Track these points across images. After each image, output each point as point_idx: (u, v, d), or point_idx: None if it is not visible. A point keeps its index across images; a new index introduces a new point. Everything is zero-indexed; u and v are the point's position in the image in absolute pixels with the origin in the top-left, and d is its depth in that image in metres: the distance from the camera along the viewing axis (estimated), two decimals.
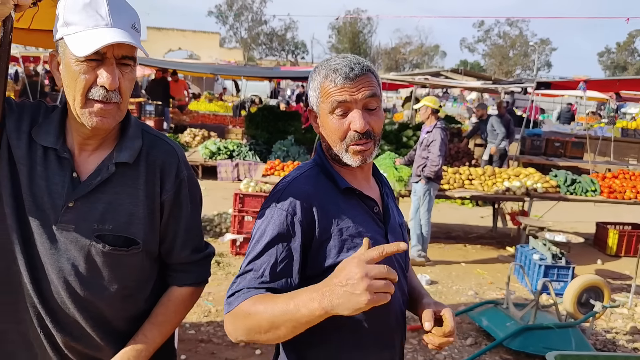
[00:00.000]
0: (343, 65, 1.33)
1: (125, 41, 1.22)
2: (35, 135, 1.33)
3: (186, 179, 1.44)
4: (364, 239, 1.16)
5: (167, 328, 1.46)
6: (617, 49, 60.14)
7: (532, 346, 3.89)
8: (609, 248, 6.87)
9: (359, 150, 1.35)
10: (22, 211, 1.32)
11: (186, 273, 1.48)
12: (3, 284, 1.36)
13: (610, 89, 10.41)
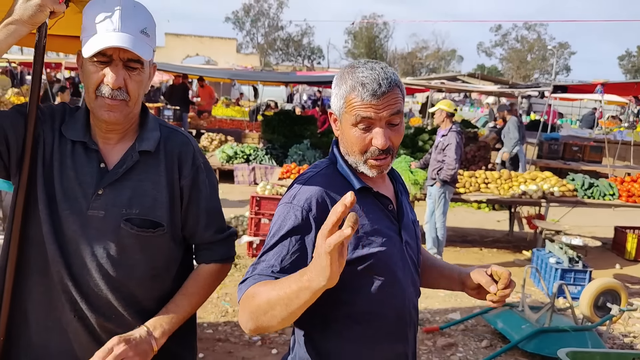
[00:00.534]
0: (371, 80, 1.34)
1: (123, 46, 1.32)
2: (64, 131, 1.44)
3: (202, 166, 1.56)
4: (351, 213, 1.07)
5: (197, 299, 1.55)
6: (638, 52, 59.25)
7: (547, 349, 3.88)
8: (628, 252, 6.79)
9: (377, 165, 1.39)
10: (53, 203, 1.41)
11: (212, 251, 1.58)
12: (37, 274, 1.45)
13: (629, 93, 10.27)
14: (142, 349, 1.40)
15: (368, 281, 1.41)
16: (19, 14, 1.28)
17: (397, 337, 1.49)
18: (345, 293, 1.38)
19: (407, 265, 1.49)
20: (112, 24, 1.33)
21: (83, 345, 1.46)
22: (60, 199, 1.41)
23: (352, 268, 1.38)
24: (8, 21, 1.28)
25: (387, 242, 1.42)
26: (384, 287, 1.42)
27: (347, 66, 1.44)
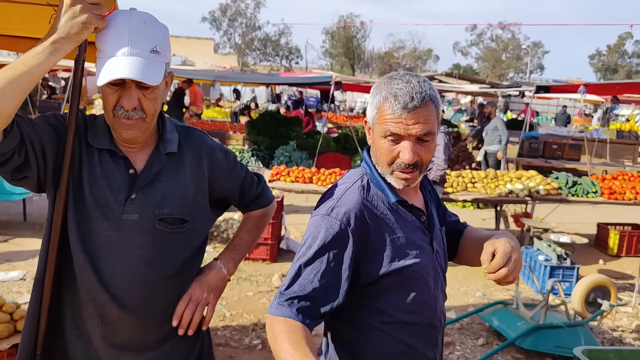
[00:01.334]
0: (404, 92, 1.34)
1: (129, 77, 1.33)
2: (90, 139, 1.46)
3: (223, 148, 1.71)
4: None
5: (255, 234, 1.82)
6: (608, 52, 60.72)
7: (543, 345, 3.98)
8: (610, 248, 6.98)
9: (403, 178, 1.41)
10: (82, 212, 1.43)
11: (259, 200, 1.80)
12: (67, 283, 1.48)
13: (610, 92, 10.56)
14: (215, 285, 1.64)
15: (403, 292, 1.44)
16: (64, 31, 1.28)
17: (429, 343, 1.53)
18: (381, 303, 1.42)
19: (437, 274, 1.53)
20: (121, 47, 1.34)
21: (108, 353, 1.49)
22: (91, 207, 1.43)
23: (388, 280, 1.41)
24: (53, 39, 1.28)
25: (421, 253, 1.45)
26: (418, 297, 1.45)
27: (386, 76, 1.45)
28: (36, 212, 7.26)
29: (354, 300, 1.43)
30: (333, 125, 15.70)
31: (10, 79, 1.24)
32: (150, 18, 1.39)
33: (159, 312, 1.54)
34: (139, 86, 1.37)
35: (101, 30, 1.34)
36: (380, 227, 1.40)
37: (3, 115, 1.23)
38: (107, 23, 1.33)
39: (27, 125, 1.34)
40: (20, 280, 4.91)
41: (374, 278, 1.40)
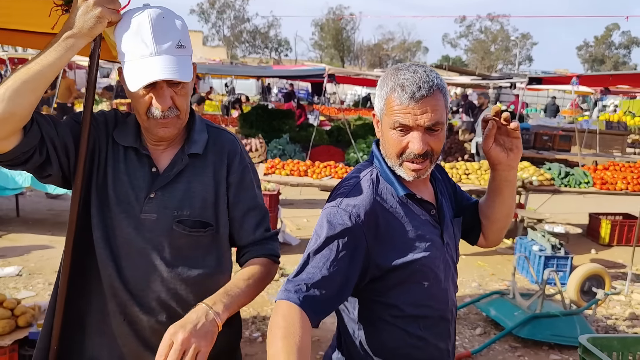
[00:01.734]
0: (411, 82, 1.33)
1: (165, 78, 1.30)
2: (116, 137, 1.45)
3: (249, 166, 1.59)
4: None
5: (252, 290, 1.44)
6: (595, 43, 61.14)
7: (540, 334, 4.04)
8: (602, 238, 7.08)
9: (413, 169, 1.39)
10: (105, 208, 1.43)
11: (262, 247, 1.55)
12: (90, 279, 1.47)
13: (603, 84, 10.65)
14: (205, 330, 1.25)
15: (413, 286, 1.44)
16: (78, 26, 1.27)
17: (441, 335, 1.55)
18: (392, 298, 1.43)
19: (447, 266, 1.54)
20: (147, 47, 1.31)
21: (132, 350, 1.47)
22: (113, 203, 1.43)
23: (398, 274, 1.42)
24: (67, 35, 1.27)
25: (431, 246, 1.45)
26: (428, 290, 1.46)
27: (392, 68, 1.43)
28: (29, 207, 7.20)
29: (365, 295, 1.45)
30: (325, 117, 15.69)
31: (23, 79, 1.23)
32: (167, 12, 1.36)
33: (179, 317, 1.47)
34: (170, 84, 1.35)
35: (116, 24, 1.32)
36: (389, 221, 1.41)
37: (18, 115, 1.23)
38: (121, 17, 1.32)
39: (48, 124, 1.34)
40: (16, 276, 4.87)
41: (383, 272, 1.40)
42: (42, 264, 5.24)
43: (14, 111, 1.22)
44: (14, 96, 1.21)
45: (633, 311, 4.91)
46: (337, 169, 6.93)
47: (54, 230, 6.35)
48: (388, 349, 1.47)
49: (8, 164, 1.32)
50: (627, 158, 11.56)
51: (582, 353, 1.93)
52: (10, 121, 1.23)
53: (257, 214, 1.56)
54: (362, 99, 25.59)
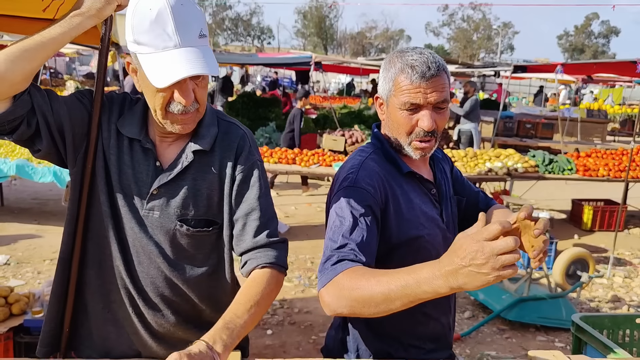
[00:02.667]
0: (420, 62, 1.37)
1: (195, 73, 1.24)
2: (120, 126, 1.41)
3: (258, 163, 1.48)
4: (479, 213, 1.15)
5: (256, 310, 1.32)
6: (575, 32, 61.78)
7: (527, 316, 4.15)
8: (584, 224, 7.23)
9: (421, 147, 1.44)
10: (113, 198, 1.40)
11: (267, 254, 1.41)
12: (96, 267, 1.45)
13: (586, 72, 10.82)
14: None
15: (416, 262, 1.48)
16: (86, 6, 1.25)
17: (444, 310, 1.60)
18: None
19: (447, 245, 1.58)
20: (170, 39, 1.23)
21: (141, 339, 1.48)
22: (119, 195, 1.39)
23: (402, 249, 1.46)
24: (74, 13, 1.25)
25: (432, 224, 1.50)
26: None
27: (395, 51, 1.47)
28: (13, 196, 7.11)
29: None
30: (310, 106, 15.67)
31: (22, 47, 1.21)
32: (185, 1, 1.27)
33: (185, 315, 1.49)
34: (192, 77, 1.29)
35: (127, 10, 1.31)
36: (395, 198, 1.45)
37: (8, 80, 1.20)
38: (128, 1, 1.31)
39: (42, 97, 1.30)
40: (4, 265, 4.82)
41: (388, 248, 1.44)
42: (30, 253, 5.19)
43: (5, 76, 1.19)
44: (9, 61, 1.19)
45: (615, 293, 5.06)
46: (324, 157, 6.96)
47: (40, 219, 6.29)
48: (391, 324, 1.50)
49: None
50: (607, 145, 11.78)
51: (575, 331, 2.00)
52: (0, 85, 1.19)
53: (261, 216, 1.42)
54: (345, 87, 25.59)
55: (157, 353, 1.48)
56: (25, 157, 5.99)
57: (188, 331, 1.49)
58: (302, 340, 3.87)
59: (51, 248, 5.35)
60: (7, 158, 5.89)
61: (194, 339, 1.47)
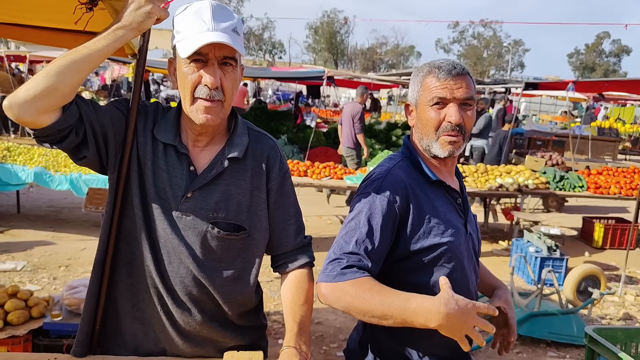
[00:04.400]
0: (447, 63, 1.51)
1: (222, 41, 1.35)
2: (156, 133, 1.49)
3: (288, 172, 1.60)
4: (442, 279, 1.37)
5: (311, 306, 1.54)
6: (586, 51, 61.80)
7: (538, 331, 4.15)
8: (595, 241, 7.21)
9: (449, 142, 1.51)
10: (145, 200, 1.47)
11: (303, 255, 1.60)
12: (126, 266, 1.51)
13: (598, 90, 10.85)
14: None
15: (439, 268, 1.53)
16: (128, 20, 1.33)
17: None
18: (421, 279, 1.51)
19: (470, 255, 1.63)
20: (205, 25, 1.36)
21: (168, 337, 1.53)
22: (152, 198, 1.46)
23: (425, 255, 1.50)
24: (117, 26, 1.33)
25: (456, 233, 1.55)
26: (452, 274, 1.54)
27: (422, 64, 1.60)
28: (29, 204, 7.22)
29: (392, 276, 1.52)
30: (321, 119, 15.80)
31: (71, 59, 1.29)
32: (226, 7, 1.44)
33: (210, 314, 1.54)
34: (220, 64, 1.39)
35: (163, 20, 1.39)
36: (420, 205, 1.50)
37: (59, 91, 1.28)
38: (169, 14, 1.39)
39: (88, 107, 1.38)
40: (21, 271, 4.90)
41: (411, 253, 1.49)
42: (46, 259, 5.27)
43: (56, 87, 1.27)
44: (60, 73, 1.27)
45: (626, 311, 5.04)
46: (336, 170, 7.02)
47: (55, 226, 6.38)
48: (410, 332, 1.54)
49: (44, 140, 1.35)
50: (618, 164, 11.74)
51: (589, 343, 2.02)
52: (52, 96, 1.28)
53: (296, 221, 1.59)
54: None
55: (182, 350, 1.54)
56: (42, 165, 6.11)
57: (212, 330, 1.55)
58: (314, 351, 3.90)
59: (66, 255, 5.44)
60: (26, 166, 6.01)
61: (218, 338, 1.56)
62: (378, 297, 1.32)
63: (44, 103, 1.28)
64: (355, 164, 8.11)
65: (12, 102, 1.28)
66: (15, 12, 2.82)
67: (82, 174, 6.03)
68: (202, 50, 1.37)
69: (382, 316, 1.33)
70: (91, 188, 3.53)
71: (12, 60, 16.42)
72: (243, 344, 1.59)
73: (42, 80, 1.27)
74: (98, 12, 2.47)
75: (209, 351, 1.56)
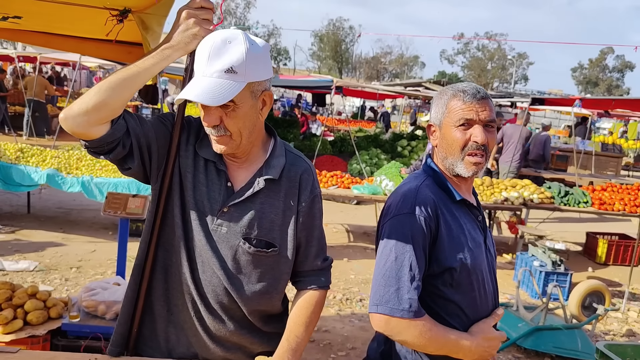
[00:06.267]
0: (470, 88, 1.59)
1: (193, 100, 1.38)
2: (198, 149, 1.56)
3: (318, 195, 1.65)
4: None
5: (311, 328, 1.61)
6: (590, 65, 62.04)
7: (542, 345, 4.20)
8: (598, 257, 7.27)
9: (474, 162, 1.58)
10: (185, 211, 1.54)
11: (320, 278, 1.66)
12: (163, 272, 1.58)
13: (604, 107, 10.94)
14: None
15: (467, 284, 1.59)
16: (176, 40, 1.42)
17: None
18: (456, 295, 1.58)
19: (490, 270, 1.70)
20: (199, 68, 1.41)
21: (200, 341, 1.59)
22: (192, 210, 1.53)
23: (454, 272, 1.56)
24: (165, 46, 1.42)
25: (479, 249, 1.62)
26: (479, 289, 1.62)
27: (442, 88, 1.69)
28: (39, 204, 7.29)
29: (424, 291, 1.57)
30: (326, 128, 15.91)
31: (121, 77, 1.39)
32: (236, 38, 1.41)
33: (239, 322, 1.59)
34: (220, 105, 1.41)
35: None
36: (448, 223, 1.57)
37: (110, 105, 1.37)
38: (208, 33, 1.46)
39: (135, 121, 1.47)
40: (33, 272, 4.97)
41: (442, 269, 1.55)
42: (57, 260, 5.34)
43: (107, 102, 1.36)
44: (111, 89, 1.37)
45: (630, 328, 5.09)
46: (343, 179, 7.10)
47: (65, 227, 6.45)
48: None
49: (94, 150, 1.44)
50: (621, 180, 11.80)
51: (600, 358, 2.09)
52: (103, 110, 1.37)
53: (318, 243, 1.65)
54: (360, 110, 25.89)
55: (213, 355, 1.60)
56: (55, 167, 6.19)
57: (242, 337, 1.62)
58: (322, 358, 3.95)
59: (77, 256, 5.51)
60: (38, 167, 6.09)
61: (246, 344, 1.63)
62: (437, 338, 1.50)
63: (95, 116, 1.37)
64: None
65: (67, 115, 1.37)
66: (47, 23, 2.91)
67: (94, 177, 6.11)
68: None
69: (434, 352, 1.54)
70: (110, 192, 3.59)
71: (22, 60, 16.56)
72: (271, 349, 1.65)
73: (95, 95, 1.36)
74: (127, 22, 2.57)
75: (238, 356, 1.63)
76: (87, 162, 6.42)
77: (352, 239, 7.48)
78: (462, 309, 1.59)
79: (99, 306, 3.13)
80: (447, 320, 1.58)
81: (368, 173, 9.01)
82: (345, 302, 5.10)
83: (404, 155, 10.48)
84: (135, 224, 5.82)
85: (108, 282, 3.33)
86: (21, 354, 1.48)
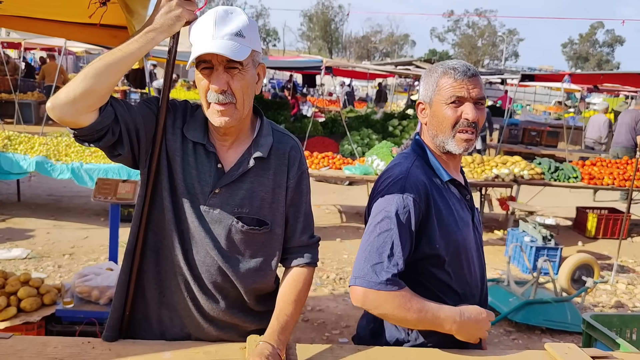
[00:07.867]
0: (460, 65, 1.59)
1: (214, 51, 1.39)
2: (186, 131, 1.56)
3: (306, 172, 1.67)
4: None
5: (300, 305, 1.63)
6: (580, 41, 61.95)
7: (533, 319, 4.28)
8: (588, 231, 7.36)
9: (465, 139, 1.58)
10: (175, 194, 1.55)
11: (306, 254, 1.67)
12: (154, 255, 1.59)
13: (593, 82, 10.97)
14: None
15: (457, 263, 1.62)
16: (159, 23, 1.41)
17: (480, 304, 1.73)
18: (447, 274, 1.60)
19: (478, 247, 1.72)
20: (208, 33, 1.42)
21: (194, 322, 1.61)
22: (182, 192, 1.54)
23: (444, 251, 1.58)
24: (148, 29, 1.40)
25: (467, 228, 1.64)
26: (469, 267, 1.65)
27: (433, 65, 1.68)
28: (29, 192, 7.26)
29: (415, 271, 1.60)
30: (317, 109, 15.85)
31: (106, 62, 1.37)
32: (235, 10, 1.49)
33: (232, 301, 1.61)
34: (227, 67, 1.44)
35: (192, 24, 1.46)
36: (437, 204, 1.58)
37: (97, 92, 1.36)
38: (197, 17, 1.45)
39: (122, 107, 1.46)
40: (25, 259, 4.96)
41: (432, 250, 1.57)
42: (49, 247, 5.33)
43: (94, 89, 1.35)
44: (96, 75, 1.35)
45: (618, 299, 5.18)
46: (334, 160, 7.10)
47: (56, 214, 6.43)
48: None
49: (83, 139, 1.44)
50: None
51: (586, 329, 2.13)
52: (90, 97, 1.35)
53: (305, 219, 1.66)
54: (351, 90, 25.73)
55: (207, 334, 1.63)
56: (44, 154, 6.14)
57: (234, 316, 1.64)
58: (316, 337, 4.00)
59: (69, 243, 5.50)
60: (27, 155, 6.04)
61: (239, 323, 1.65)
62: (416, 308, 1.49)
63: (83, 104, 1.36)
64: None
65: (54, 104, 1.35)
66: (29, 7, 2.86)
67: (84, 163, 6.07)
68: (205, 58, 1.43)
69: (416, 324, 1.53)
70: (100, 178, 3.58)
71: (6, 47, 16.30)
72: (262, 327, 1.67)
73: (81, 83, 1.35)
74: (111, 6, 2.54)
75: (231, 335, 1.65)
76: (77, 149, 6.36)
77: (344, 220, 7.52)
78: (453, 288, 1.62)
79: (93, 291, 3.15)
80: (441, 298, 1.60)
81: (359, 153, 9.01)
82: (339, 281, 5.15)
83: (395, 135, 10.48)
84: (127, 209, 5.81)
85: (101, 268, 3.34)
86: (14, 340, 1.48)
